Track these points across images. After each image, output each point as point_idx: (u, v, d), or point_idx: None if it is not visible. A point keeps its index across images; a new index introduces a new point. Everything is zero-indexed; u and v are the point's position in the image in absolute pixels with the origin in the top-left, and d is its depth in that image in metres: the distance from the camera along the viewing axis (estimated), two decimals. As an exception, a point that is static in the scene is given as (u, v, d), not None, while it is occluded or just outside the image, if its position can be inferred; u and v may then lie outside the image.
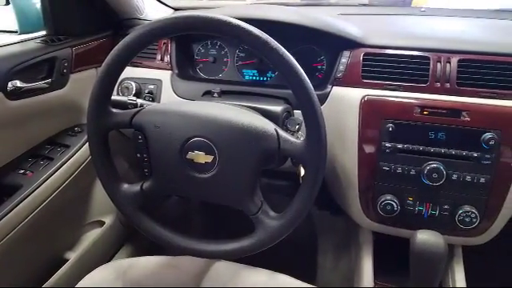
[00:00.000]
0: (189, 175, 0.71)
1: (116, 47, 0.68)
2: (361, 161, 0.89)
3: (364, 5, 1.33)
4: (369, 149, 0.87)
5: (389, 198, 0.87)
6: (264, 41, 0.61)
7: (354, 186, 0.91)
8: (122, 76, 0.72)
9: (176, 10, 1.30)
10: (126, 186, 0.76)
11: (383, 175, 0.87)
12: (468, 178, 0.82)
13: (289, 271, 0.84)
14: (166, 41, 1.05)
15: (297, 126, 0.79)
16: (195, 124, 0.69)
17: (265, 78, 1.07)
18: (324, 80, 0.96)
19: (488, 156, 0.81)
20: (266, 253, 0.72)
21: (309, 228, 1.47)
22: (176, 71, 1.04)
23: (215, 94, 0.91)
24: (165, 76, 1.03)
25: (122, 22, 1.13)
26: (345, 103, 0.89)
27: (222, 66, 1.08)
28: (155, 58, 1.05)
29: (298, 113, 0.87)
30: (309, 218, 1.49)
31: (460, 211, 0.84)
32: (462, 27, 1.03)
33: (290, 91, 0.65)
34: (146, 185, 0.75)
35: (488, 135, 0.79)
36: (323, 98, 0.91)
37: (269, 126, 0.68)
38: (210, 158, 0.69)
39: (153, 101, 1.01)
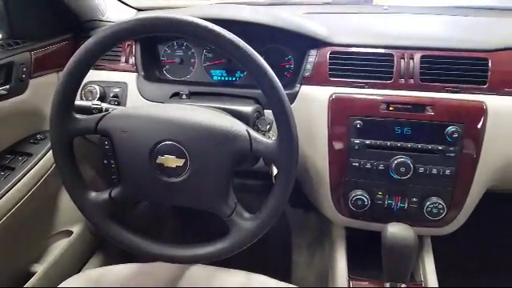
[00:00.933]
0: (159, 180, 0.69)
1: (78, 50, 0.66)
2: (331, 158, 0.90)
3: (328, 3, 1.35)
4: (338, 146, 0.89)
5: (359, 193, 0.89)
6: (233, 42, 0.61)
7: (325, 183, 0.93)
8: (85, 80, 0.70)
9: (139, 10, 1.27)
10: (93, 194, 0.74)
11: (353, 171, 0.89)
12: (434, 171, 0.85)
13: (264, 270, 0.84)
14: (130, 42, 1.02)
15: (268, 126, 0.80)
16: (164, 127, 0.68)
17: (234, 78, 1.06)
18: (292, 79, 0.96)
19: (452, 149, 0.84)
20: (241, 253, 0.71)
21: (283, 226, 1.48)
22: (142, 73, 1.01)
23: (184, 96, 0.90)
24: (130, 78, 1.00)
25: (83, 24, 1.09)
26: (314, 102, 0.90)
27: (190, 67, 1.07)
28: (119, 61, 1.02)
29: (268, 112, 0.87)
30: (282, 216, 1.49)
31: (428, 203, 0.86)
32: (424, 24, 1.07)
33: (259, 91, 0.65)
34: (114, 192, 0.73)
35: (451, 128, 0.82)
36: (292, 97, 0.91)
37: (240, 128, 0.67)
38: (181, 162, 0.67)
39: (118, 105, 0.98)
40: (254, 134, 0.67)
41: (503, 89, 0.85)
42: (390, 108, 0.85)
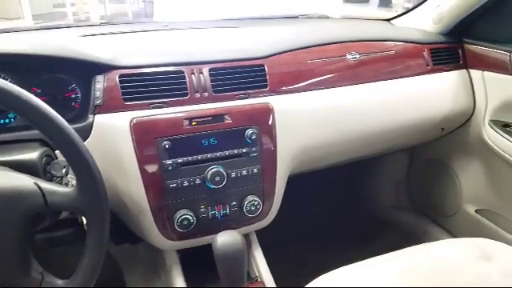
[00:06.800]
0: None
1: None
2: (146, 184, 0.86)
3: (106, 23, 1.28)
4: (151, 170, 0.85)
5: (183, 212, 0.88)
6: None
7: (145, 211, 0.88)
8: None
9: None
10: None
11: (172, 192, 0.87)
12: (244, 172, 0.91)
13: None
14: None
15: (64, 170, 0.68)
16: None
17: (7, 120, 0.87)
18: (83, 110, 0.86)
19: (254, 149, 0.91)
20: None
21: (110, 269, 1.33)
22: None
23: None
24: None
25: None
26: (113, 131, 0.83)
27: None
28: None
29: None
30: (108, 258, 1.35)
31: (246, 202, 0.92)
32: (206, 38, 1.13)
33: None
34: None
35: (249, 131, 0.90)
36: (87, 130, 0.82)
37: (25, 182, 0.56)
38: None
39: None
40: (45, 185, 0.56)
41: (281, 88, 0.97)
42: (193, 123, 0.87)
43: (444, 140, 1.35)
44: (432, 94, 1.18)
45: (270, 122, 0.93)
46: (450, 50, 1.22)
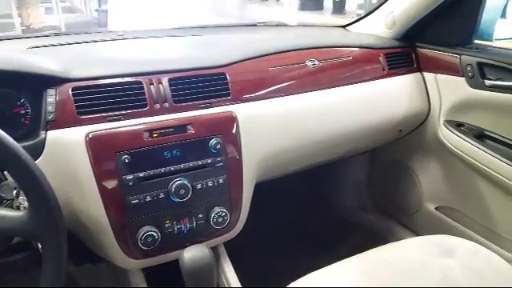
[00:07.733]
0: None
1: None
2: (106, 202, 0.81)
3: (57, 34, 1.22)
4: (111, 186, 0.81)
5: (147, 229, 0.84)
6: None
7: (106, 230, 0.83)
8: None
9: None
10: None
11: (134, 209, 0.83)
12: (210, 184, 0.89)
13: None
14: None
15: (14, 192, 0.64)
16: None
17: None
18: (34, 126, 0.81)
19: (219, 159, 0.89)
20: None
21: (71, 290, 1.26)
22: None
23: None
24: None
25: None
26: (68, 147, 0.79)
27: None
28: None
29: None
30: (68, 280, 1.27)
31: (213, 214, 0.90)
32: (164, 47, 1.10)
33: None
34: None
35: (213, 141, 0.88)
36: (39, 147, 0.77)
37: None
38: None
39: None
40: None
41: (243, 96, 0.96)
42: (154, 135, 0.84)
43: (403, 141, 1.39)
44: (389, 98, 1.22)
45: (233, 131, 0.92)
46: (403, 54, 1.27)
